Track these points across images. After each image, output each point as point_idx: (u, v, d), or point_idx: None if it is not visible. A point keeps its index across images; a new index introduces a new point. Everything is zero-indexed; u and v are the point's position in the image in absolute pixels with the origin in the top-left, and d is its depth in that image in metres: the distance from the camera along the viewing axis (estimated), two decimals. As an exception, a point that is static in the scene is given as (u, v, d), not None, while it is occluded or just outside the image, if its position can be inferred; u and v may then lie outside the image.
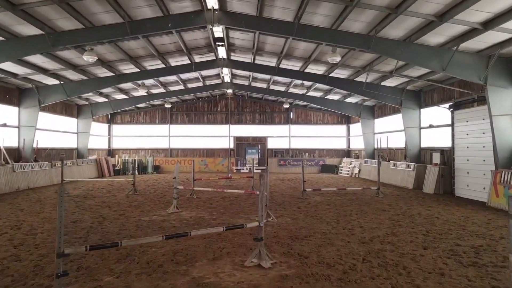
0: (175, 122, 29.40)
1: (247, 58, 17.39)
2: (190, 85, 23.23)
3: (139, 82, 18.40)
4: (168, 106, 24.08)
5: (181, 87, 22.91)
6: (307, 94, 23.48)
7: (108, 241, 7.20)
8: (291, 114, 29.58)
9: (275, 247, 6.85)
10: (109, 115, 28.79)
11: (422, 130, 17.59)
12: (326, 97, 23.68)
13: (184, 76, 20.40)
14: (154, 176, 24.65)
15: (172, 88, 23.26)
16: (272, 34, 12.93)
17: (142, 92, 20.43)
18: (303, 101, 25.27)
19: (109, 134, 28.95)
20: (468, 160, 13.65)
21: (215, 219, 9.67)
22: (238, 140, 29.42)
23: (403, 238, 7.50)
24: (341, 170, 26.79)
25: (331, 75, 17.49)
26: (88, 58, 12.29)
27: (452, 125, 14.58)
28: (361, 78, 17.28)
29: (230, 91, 27.63)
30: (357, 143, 27.42)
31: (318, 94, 23.47)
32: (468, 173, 13.62)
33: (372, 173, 21.86)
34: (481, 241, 7.25)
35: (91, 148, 25.04)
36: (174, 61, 17.05)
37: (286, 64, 17.29)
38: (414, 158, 17.52)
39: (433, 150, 16.45)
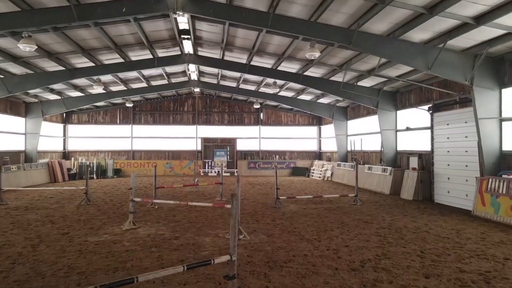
0: (138, 122, 27.45)
1: (215, 53, 16.01)
2: (154, 83, 21.51)
3: (95, 77, 16.54)
4: (129, 105, 22.25)
5: (143, 84, 21.14)
6: (278, 94, 22.39)
7: (34, 277, 5.64)
8: (262, 114, 28.44)
9: (251, 280, 5.57)
10: (64, 114, 26.39)
11: (398, 132, 16.93)
12: (298, 97, 22.70)
13: (147, 72, 18.70)
14: (114, 181, 22.69)
15: (134, 86, 21.43)
16: (243, 25, 11.65)
17: (99, 89, 18.54)
18: (274, 101, 24.16)
19: (64, 135, 26.55)
20: (449, 165, 12.99)
21: (178, 237, 8.26)
22: (206, 141, 27.92)
23: (397, 261, 6.44)
24: (313, 173, 25.94)
25: (306, 73, 16.46)
26: (25, 47, 10.44)
27: (431, 128, 13.90)
28: (337, 78, 16.37)
29: (197, 90, 26.12)
30: (329, 145, 26.69)
31: (290, 94, 22.44)
32: (449, 178, 12.96)
33: (346, 177, 21.09)
34: (485, 264, 6.31)
35: (42, 150, 22.70)
36: (135, 55, 15.38)
37: (258, 61, 16.07)
38: (390, 162, 16.82)
39: (410, 153, 15.79)
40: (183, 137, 27.85)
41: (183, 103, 27.87)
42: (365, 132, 20.46)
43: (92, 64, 15.19)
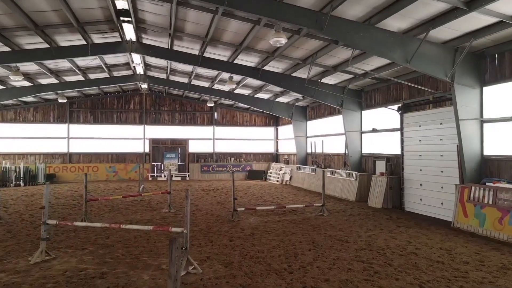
0: (76, 121, 24.32)
1: (163, 42, 13.89)
2: (92, 76, 18.80)
3: (12, 65, 13.68)
4: (62, 100, 19.32)
5: (79, 77, 18.37)
6: (234, 91, 20.60)
7: None
8: (216, 114, 26.49)
9: None
10: (-16, 111, 22.71)
11: (364, 134, 15.82)
12: (255, 96, 21.06)
13: (82, 62, 16.07)
14: (53, 189, 19.64)
15: (68, 79, 18.58)
16: (195, 4, 9.72)
17: (23, 82, 15.60)
18: (229, 99, 22.33)
19: (-16, 135, 22.83)
20: (421, 170, 11.94)
21: (105, 274, 6.18)
22: (155, 142, 25.44)
23: (397, 305, 4.91)
24: (270, 176, 24.45)
25: (266, 68, 14.82)
26: None
27: (401, 129, 12.84)
28: (300, 73, 14.91)
29: (144, 85, 23.57)
30: (287, 147, 25.37)
31: (247, 92, 20.74)
32: (421, 185, 11.91)
33: (306, 181, 19.77)
34: (505, 304, 4.97)
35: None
36: (63, 40, 12.83)
37: (212, 53, 14.18)
38: (355, 166, 15.66)
39: (377, 157, 14.70)
40: (129, 137, 25.15)
41: (129, 101, 25.17)
42: (326, 134, 19.26)
43: (7, 48, 12.43)
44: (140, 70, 18.90)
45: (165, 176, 24.89)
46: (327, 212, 11.95)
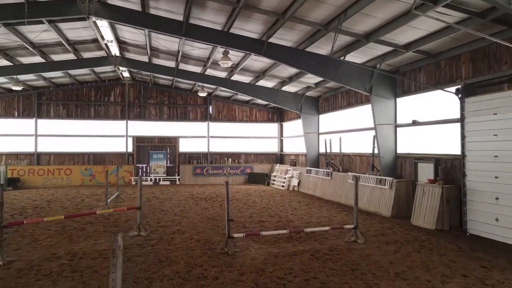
0: (45, 116, 20.68)
1: (133, 1, 10.28)
2: (55, 57, 15.19)
3: None
4: (17, 88, 15.66)
5: (37, 59, 14.75)
6: (231, 78, 16.98)
7: None
8: (211, 108, 22.87)
9: None
10: None
11: (399, 129, 12.21)
12: (257, 84, 17.45)
13: (33, 35, 12.45)
14: (10, 196, 16.10)
15: (23, 60, 14.96)
16: None
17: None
18: (226, 88, 18.71)
19: None
20: (497, 177, 8.34)
21: None
22: (139, 141, 21.82)
23: None
24: (274, 180, 20.85)
25: (272, 40, 11.23)
26: None
27: (461, 120, 9.24)
28: (316, 48, 11.34)
29: (126, 73, 19.99)
30: (293, 146, 21.77)
31: (246, 78, 17.12)
32: (498, 199, 8.30)
33: (319, 187, 16.15)
34: None
35: None
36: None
37: (199, 18, 10.61)
38: (387, 170, 12.05)
39: (419, 158, 11.09)
40: (109, 135, 21.52)
41: (109, 92, 21.54)
42: (345, 129, 15.66)
43: None
44: (115, 50, 15.28)
45: (151, 180, 21.29)
46: (362, 237, 8.33)
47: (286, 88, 17.48)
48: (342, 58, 11.34)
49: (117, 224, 10.39)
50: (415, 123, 11.23)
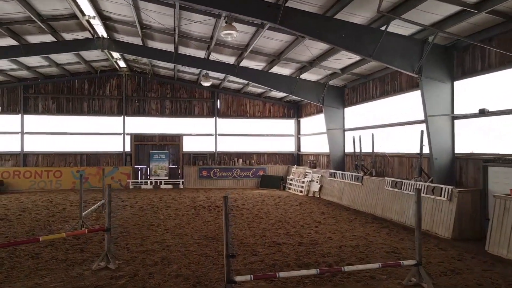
0: (33, 111, 18.39)
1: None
2: (31, 39, 12.78)
3: None
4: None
5: (8, 40, 12.36)
6: (240, 64, 14.30)
7: None
8: (218, 102, 20.26)
9: None
10: None
11: (457, 121, 9.32)
12: (270, 71, 14.72)
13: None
14: None
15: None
16: None
17: None
18: (235, 79, 16.12)
19: None
20: None
21: None
22: (138, 139, 19.37)
23: None
24: (290, 184, 18.11)
25: (289, 3, 8.50)
26: None
27: None
28: (348, 15, 8.57)
29: (122, 63, 17.56)
30: (312, 145, 19.02)
31: (259, 64, 14.41)
32: None
33: (346, 194, 13.35)
34: None
35: None
36: None
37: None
38: (442, 175, 9.18)
39: (490, 161, 8.20)
40: (104, 133, 19.13)
41: (104, 84, 19.13)
42: (379, 124, 12.82)
43: None
44: (101, 30, 12.79)
45: (151, 183, 18.80)
46: (429, 279, 5.52)
47: (305, 76, 14.71)
48: (382, 28, 8.55)
49: (88, 246, 7.83)
50: (483, 113, 8.33)
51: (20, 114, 18.10)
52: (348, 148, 14.90)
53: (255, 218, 11.01)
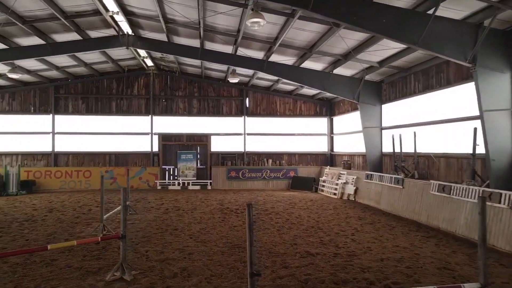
0: (63, 111, 18.50)
1: None
2: (56, 37, 12.61)
3: None
4: (13, 75, 13.23)
5: (36, 40, 12.24)
6: (269, 59, 13.52)
7: None
8: (247, 100, 19.59)
9: None
10: None
11: (521, 115, 8.11)
12: (302, 66, 13.85)
13: (18, 4, 9.85)
14: (18, 201, 14.13)
15: (22, 42, 12.54)
16: None
17: None
18: (264, 76, 15.39)
19: None
20: None
21: None
22: (166, 139, 19.05)
23: None
24: (323, 186, 17.14)
25: None
26: None
27: None
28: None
29: (149, 62, 17.27)
30: (346, 145, 17.95)
31: (289, 59, 13.58)
32: None
33: (384, 198, 12.27)
34: None
35: None
36: None
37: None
38: (502, 178, 7.98)
39: None
40: (132, 132, 18.95)
41: (132, 84, 18.96)
42: (422, 122, 11.65)
43: None
44: (126, 27, 12.43)
45: (179, 184, 18.41)
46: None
47: (339, 70, 13.73)
48: (429, 11, 7.51)
49: (106, 252, 7.33)
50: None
51: (51, 115, 18.23)
52: (386, 148, 13.78)
53: (286, 223, 10.21)
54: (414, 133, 11.56)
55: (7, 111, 18.04)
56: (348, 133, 17.41)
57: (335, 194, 15.76)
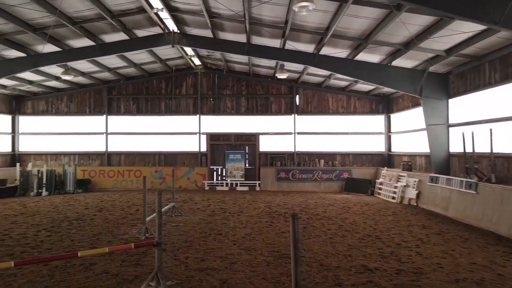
0: (115, 112, 18.93)
1: None
2: (106, 38, 12.69)
3: None
4: (66, 77, 13.57)
5: (85, 41, 12.40)
6: (320, 52, 12.57)
7: None
8: (297, 98, 18.72)
9: None
10: (13, 102, 18.62)
11: None
12: (356, 58, 12.73)
13: (66, 4, 9.90)
14: (73, 200, 14.57)
15: (73, 43, 12.78)
16: None
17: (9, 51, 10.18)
18: (315, 70, 14.45)
19: (13, 131, 18.73)
20: None
21: None
22: (214, 139, 18.77)
23: None
24: (380, 189, 15.80)
25: None
26: None
27: None
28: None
29: (197, 60, 17.08)
30: (406, 144, 16.43)
31: (341, 51, 12.53)
32: None
33: (453, 205, 10.83)
34: None
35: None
36: None
37: None
38: None
39: None
40: (180, 132, 18.90)
41: (180, 83, 18.91)
42: (499, 117, 10.07)
43: None
44: (171, 25, 12.18)
45: (227, 185, 18.02)
46: None
47: (398, 62, 12.43)
48: None
49: (146, 257, 6.93)
50: None
51: (104, 115, 18.72)
52: (454, 148, 12.23)
53: (339, 230, 9.26)
54: (491, 130, 10.01)
55: (66, 113, 18.81)
56: (408, 131, 15.89)
57: (393, 198, 14.40)
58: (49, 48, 12.48)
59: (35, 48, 12.55)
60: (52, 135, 18.81)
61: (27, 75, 15.07)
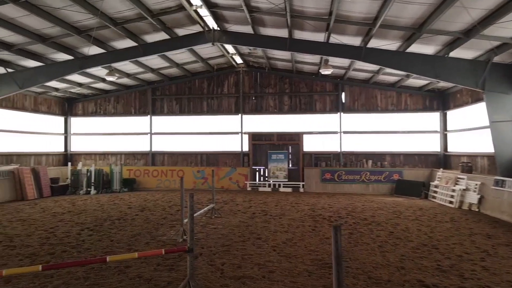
0: (159, 112, 19.16)
1: None
2: (147, 38, 12.72)
3: None
4: (111, 78, 13.73)
5: (127, 42, 12.50)
6: (367, 45, 11.70)
7: None
8: (343, 95, 17.82)
9: None
10: (65, 104, 19.47)
11: None
12: (408, 51, 11.70)
13: (108, 6, 9.96)
14: (118, 199, 14.95)
15: (117, 45, 12.95)
16: None
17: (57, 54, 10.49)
18: (362, 65, 13.56)
19: (66, 132, 19.58)
20: None
21: None
22: (256, 138, 18.38)
23: None
24: (435, 192, 14.53)
25: None
26: None
27: None
28: None
29: (238, 59, 16.79)
30: (465, 144, 14.97)
31: (391, 43, 11.57)
32: None
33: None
34: None
35: (25, 152, 15.96)
36: None
37: None
38: None
39: None
40: (222, 132, 18.72)
41: (222, 82, 18.73)
42: None
43: None
44: (211, 22, 11.92)
45: (269, 185, 17.56)
46: None
47: (456, 52, 11.23)
48: None
49: (180, 262, 6.63)
50: None
51: (149, 116, 19.02)
52: (524, 147, 10.84)
53: (389, 237, 8.43)
54: None
55: (113, 114, 19.35)
56: (468, 129, 14.47)
57: (451, 202, 13.13)
58: (94, 50, 12.74)
59: (81, 50, 12.88)
60: (100, 135, 19.45)
61: (76, 77, 15.60)
